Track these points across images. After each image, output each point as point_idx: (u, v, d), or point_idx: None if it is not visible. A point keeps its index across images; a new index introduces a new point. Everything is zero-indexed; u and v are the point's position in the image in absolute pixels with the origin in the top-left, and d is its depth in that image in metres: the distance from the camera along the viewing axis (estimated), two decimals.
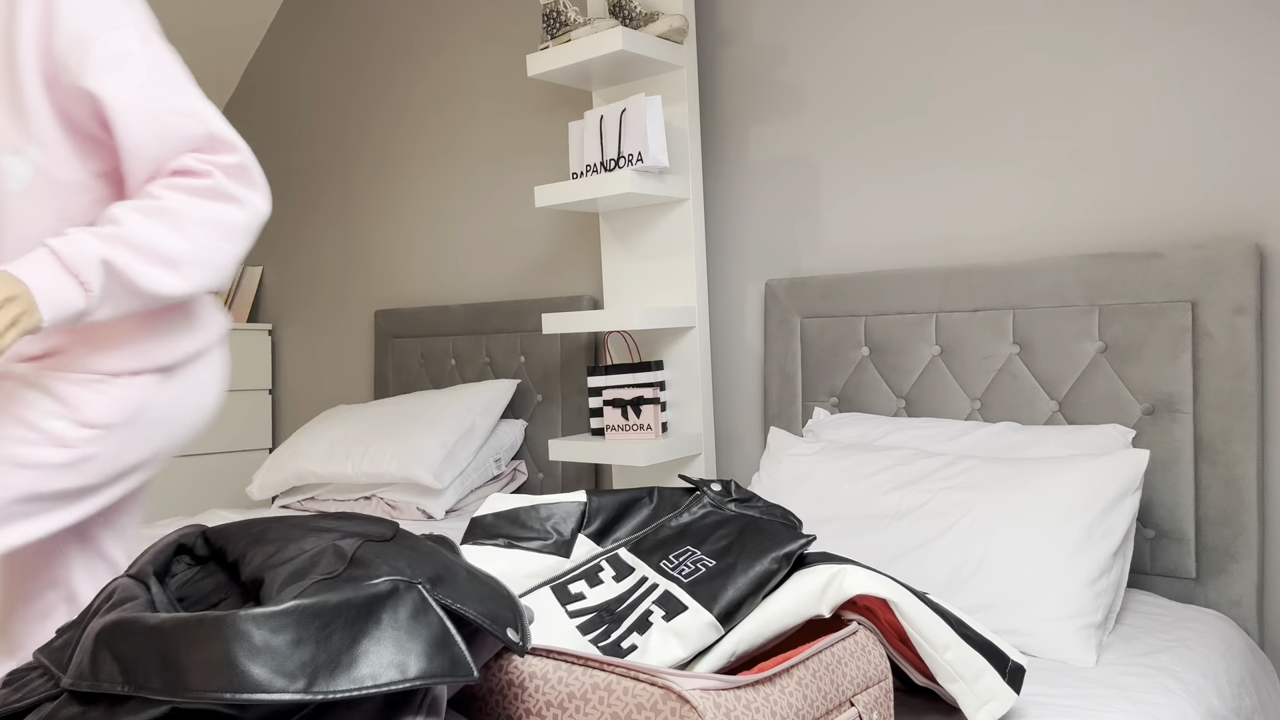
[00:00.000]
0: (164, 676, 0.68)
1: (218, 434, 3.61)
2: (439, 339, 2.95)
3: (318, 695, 0.67)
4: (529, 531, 1.23)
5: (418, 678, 0.71)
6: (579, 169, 2.25)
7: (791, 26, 2.24)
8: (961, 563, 1.46)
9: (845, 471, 1.72)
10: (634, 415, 2.16)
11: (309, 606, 0.71)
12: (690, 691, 0.80)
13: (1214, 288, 1.63)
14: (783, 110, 2.25)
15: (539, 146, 2.78)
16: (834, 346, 2.10)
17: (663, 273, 2.29)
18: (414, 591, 0.76)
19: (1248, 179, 1.66)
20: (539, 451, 2.67)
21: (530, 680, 0.88)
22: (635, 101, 2.10)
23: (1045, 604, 1.38)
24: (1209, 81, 1.70)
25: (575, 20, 2.19)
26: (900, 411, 2.00)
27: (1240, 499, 1.60)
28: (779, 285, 2.19)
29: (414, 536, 0.96)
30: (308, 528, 0.93)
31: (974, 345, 1.89)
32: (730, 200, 2.35)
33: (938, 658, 1.03)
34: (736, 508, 1.25)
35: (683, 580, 1.07)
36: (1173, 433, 1.66)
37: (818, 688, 0.90)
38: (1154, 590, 1.69)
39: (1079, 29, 1.83)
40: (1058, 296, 1.79)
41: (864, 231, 2.13)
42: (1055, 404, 1.79)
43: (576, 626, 1.07)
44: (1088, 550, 1.43)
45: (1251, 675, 1.44)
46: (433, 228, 3.08)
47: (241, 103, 3.89)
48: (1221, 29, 1.69)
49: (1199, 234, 1.72)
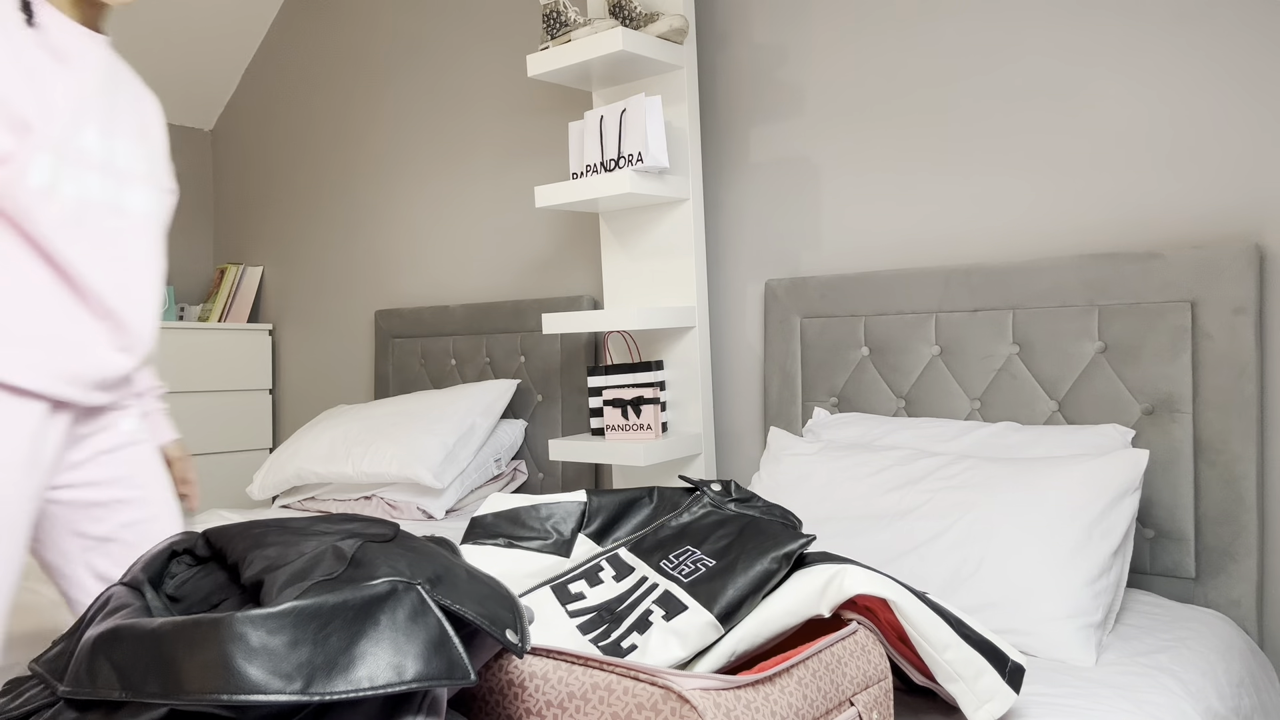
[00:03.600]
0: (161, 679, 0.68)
1: (218, 434, 3.61)
2: (439, 339, 2.95)
3: (315, 696, 0.67)
4: (529, 531, 1.23)
5: (414, 680, 0.71)
6: (579, 169, 2.25)
7: (791, 26, 2.23)
8: (961, 563, 1.46)
9: (845, 471, 1.72)
10: (634, 415, 2.16)
11: (306, 608, 0.71)
12: (690, 691, 0.80)
13: (1213, 288, 1.63)
14: (783, 110, 2.25)
15: (539, 146, 2.78)
16: (834, 346, 2.10)
17: (663, 273, 2.29)
18: (413, 592, 0.76)
19: (1248, 179, 1.66)
20: (539, 451, 2.67)
21: (530, 680, 0.88)
22: (635, 102, 2.10)
23: (1045, 604, 1.38)
24: (1209, 81, 1.70)
25: (575, 20, 2.19)
26: (900, 411, 2.00)
27: (1240, 499, 1.60)
28: (779, 285, 2.19)
29: (414, 537, 0.96)
30: (307, 530, 0.93)
31: (974, 345, 1.89)
32: (730, 200, 2.35)
33: (937, 657, 1.03)
34: (736, 508, 1.25)
35: (683, 580, 1.07)
36: (1172, 433, 1.66)
37: (818, 687, 0.90)
38: (1153, 590, 1.69)
39: (1079, 29, 1.83)
40: (1058, 296, 1.79)
41: (864, 231, 2.13)
42: (1055, 404, 1.79)
43: (576, 626, 1.07)
44: (1087, 550, 1.43)
45: (1251, 675, 1.44)
46: (433, 228, 3.08)
47: (241, 103, 3.89)
48: (1221, 29, 1.68)
49: (1199, 234, 1.71)
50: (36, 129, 1.18)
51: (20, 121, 1.17)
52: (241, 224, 3.94)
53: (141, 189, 1.37)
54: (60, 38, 1.26)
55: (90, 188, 1.26)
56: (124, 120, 1.35)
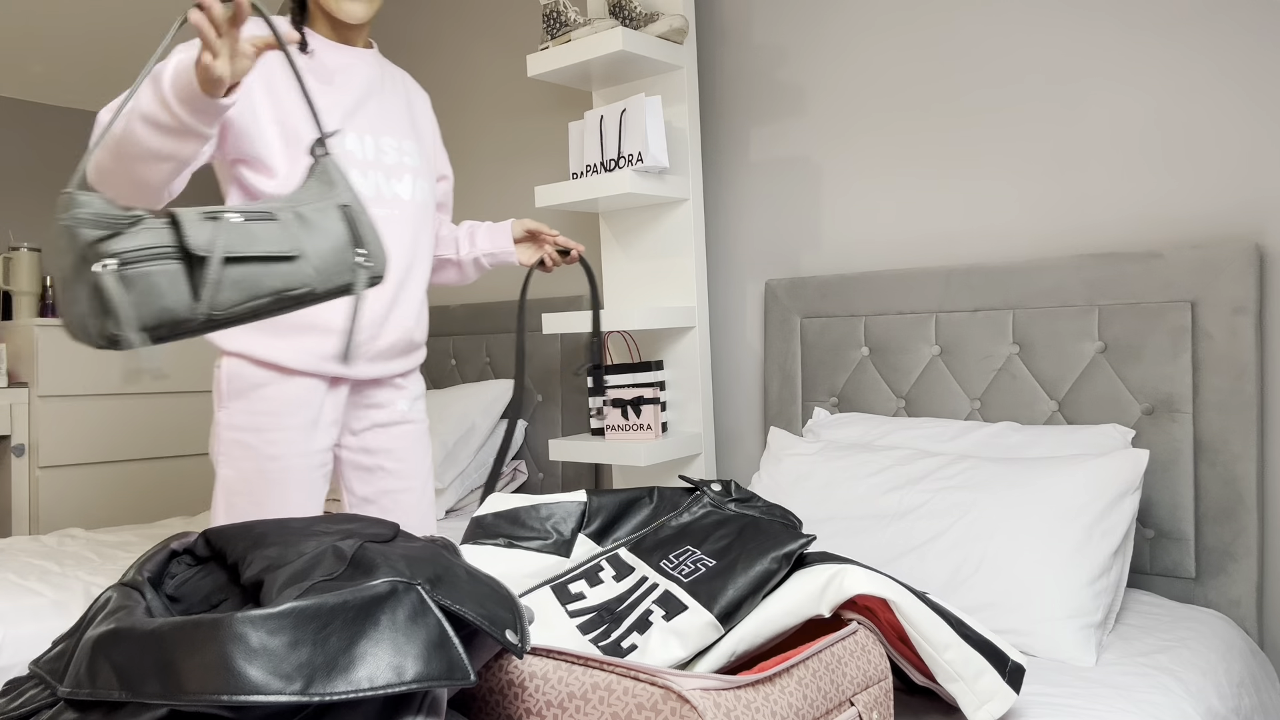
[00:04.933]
0: (161, 680, 0.68)
1: None
2: (439, 339, 2.95)
3: (315, 697, 0.67)
4: (529, 531, 1.23)
5: (414, 680, 0.71)
6: (579, 169, 2.25)
7: (791, 26, 2.23)
8: (961, 563, 1.46)
9: (845, 471, 1.72)
10: (634, 415, 2.16)
11: (306, 608, 0.71)
12: (690, 691, 0.80)
13: (1214, 288, 1.63)
14: (783, 110, 2.25)
15: (539, 146, 2.78)
16: (834, 346, 2.10)
17: (663, 273, 2.29)
18: (413, 593, 0.76)
19: (1248, 179, 1.66)
20: (539, 451, 2.67)
21: (530, 680, 0.88)
22: (635, 102, 2.10)
23: (1045, 604, 1.38)
24: (1209, 82, 1.70)
25: (575, 20, 2.19)
26: (900, 411, 2.00)
27: (1240, 499, 1.60)
28: (779, 285, 2.19)
29: (414, 537, 0.96)
30: (307, 530, 0.93)
31: (974, 345, 1.89)
32: (730, 200, 2.35)
33: (937, 657, 1.03)
34: (736, 508, 1.25)
35: (683, 580, 1.07)
36: (1172, 433, 1.66)
37: (818, 687, 0.90)
38: (1154, 590, 1.69)
39: (1079, 29, 1.83)
40: (1058, 296, 1.79)
41: (864, 231, 2.13)
42: (1055, 404, 1.79)
43: (577, 626, 1.07)
44: (1087, 550, 1.42)
45: (1251, 675, 1.44)
46: None
47: None
48: (1221, 30, 1.68)
49: (1199, 234, 1.71)
50: (306, 139, 1.46)
51: (294, 135, 1.46)
52: None
53: (410, 179, 1.60)
54: (329, 59, 1.54)
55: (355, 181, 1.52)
56: (393, 119, 1.61)
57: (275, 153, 1.45)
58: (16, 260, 3.32)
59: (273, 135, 1.45)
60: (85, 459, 3.24)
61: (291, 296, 1.09)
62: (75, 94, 3.64)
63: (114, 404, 3.31)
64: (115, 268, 0.98)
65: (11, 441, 3.12)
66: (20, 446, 3.13)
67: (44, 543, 2.46)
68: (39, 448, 3.13)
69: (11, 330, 3.27)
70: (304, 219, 1.12)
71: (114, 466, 3.33)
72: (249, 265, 1.05)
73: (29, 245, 3.35)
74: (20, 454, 3.13)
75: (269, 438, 1.49)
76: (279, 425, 1.49)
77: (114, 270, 0.98)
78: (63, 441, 3.18)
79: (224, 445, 1.50)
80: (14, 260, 3.32)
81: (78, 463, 3.23)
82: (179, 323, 1.02)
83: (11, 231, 3.53)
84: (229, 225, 1.04)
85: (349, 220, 1.15)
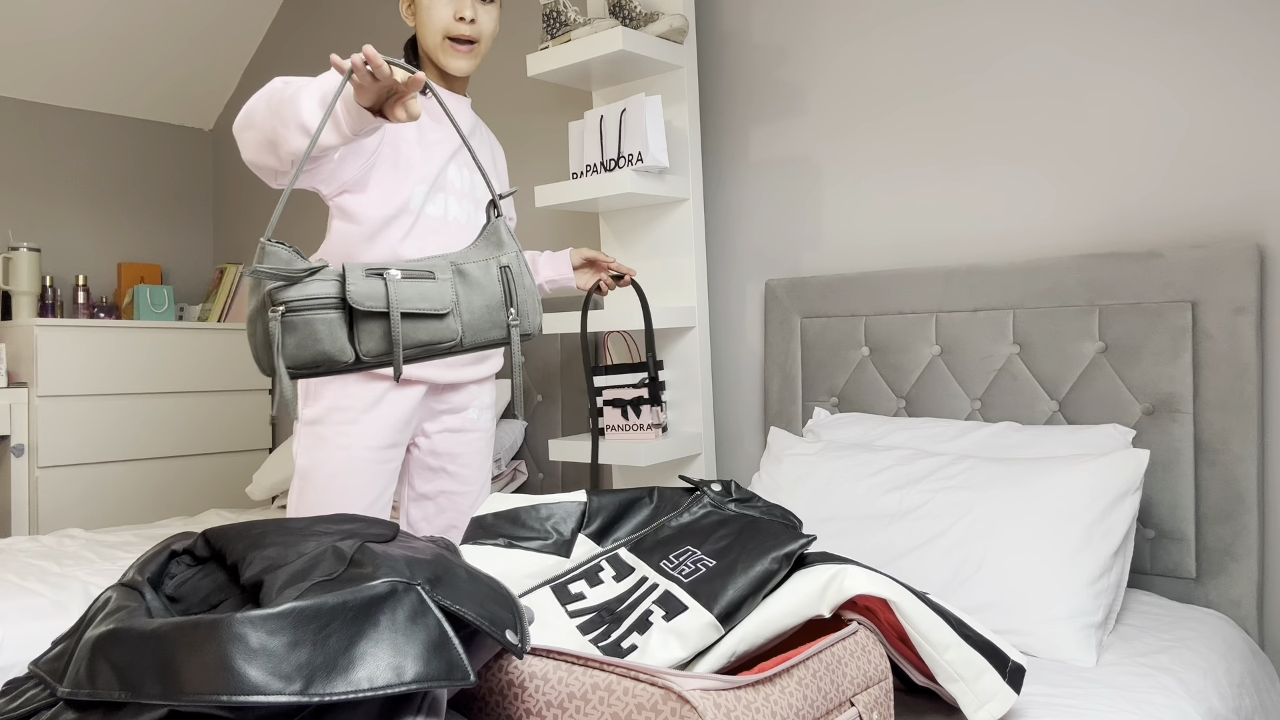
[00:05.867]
0: (161, 680, 0.68)
1: (217, 434, 3.61)
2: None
3: (314, 697, 0.67)
4: (529, 531, 1.23)
5: (414, 681, 0.71)
6: (579, 169, 2.25)
7: (791, 26, 2.23)
8: (961, 563, 1.46)
9: (845, 471, 1.72)
10: (634, 415, 2.16)
11: (306, 608, 0.71)
12: (690, 692, 0.80)
13: (1214, 288, 1.63)
14: (783, 110, 2.25)
15: (539, 146, 2.78)
16: (834, 346, 2.10)
17: (663, 273, 2.29)
18: (412, 593, 0.76)
19: (1248, 179, 1.66)
20: (539, 451, 2.67)
21: (530, 680, 0.88)
22: (635, 101, 2.10)
23: (1045, 604, 1.38)
24: (1209, 82, 1.70)
25: (575, 20, 2.19)
26: (900, 411, 2.00)
27: (1240, 499, 1.60)
28: (779, 285, 2.19)
29: (414, 537, 0.96)
30: (307, 530, 0.93)
31: (974, 345, 1.89)
32: (730, 200, 2.35)
33: (938, 658, 1.03)
34: (736, 508, 1.25)
35: (683, 580, 1.07)
36: (1172, 433, 1.66)
37: (818, 688, 0.90)
38: (1154, 590, 1.69)
39: (1080, 29, 1.83)
40: (1058, 296, 1.79)
41: (864, 231, 2.13)
42: (1055, 404, 1.79)
43: (576, 626, 1.06)
44: (1088, 550, 1.42)
45: (1251, 675, 1.44)
46: None
47: (241, 103, 3.89)
48: (1222, 29, 1.68)
49: (1199, 234, 1.71)
50: (417, 168, 1.64)
51: (407, 164, 1.63)
52: (241, 224, 3.94)
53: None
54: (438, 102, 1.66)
55: (451, 208, 1.70)
56: (484, 160, 1.82)
57: (377, 173, 1.61)
58: (16, 260, 3.32)
59: (383, 158, 1.61)
60: (85, 459, 3.24)
61: (440, 349, 1.23)
62: (75, 94, 3.64)
63: (114, 404, 3.31)
64: (282, 314, 1.15)
65: (11, 441, 3.12)
66: (20, 446, 3.13)
67: (43, 543, 2.46)
68: (39, 448, 3.13)
69: (11, 330, 3.28)
70: (464, 275, 1.25)
71: (114, 467, 3.33)
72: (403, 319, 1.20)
73: (29, 245, 3.35)
74: (20, 454, 3.13)
75: (341, 430, 1.62)
76: (353, 420, 1.62)
77: (279, 316, 1.15)
78: (62, 441, 3.18)
79: (302, 438, 1.64)
80: (14, 260, 3.32)
81: (77, 463, 3.23)
82: (333, 364, 1.19)
83: (11, 231, 3.54)
84: (389, 282, 1.19)
85: (505, 281, 1.26)
